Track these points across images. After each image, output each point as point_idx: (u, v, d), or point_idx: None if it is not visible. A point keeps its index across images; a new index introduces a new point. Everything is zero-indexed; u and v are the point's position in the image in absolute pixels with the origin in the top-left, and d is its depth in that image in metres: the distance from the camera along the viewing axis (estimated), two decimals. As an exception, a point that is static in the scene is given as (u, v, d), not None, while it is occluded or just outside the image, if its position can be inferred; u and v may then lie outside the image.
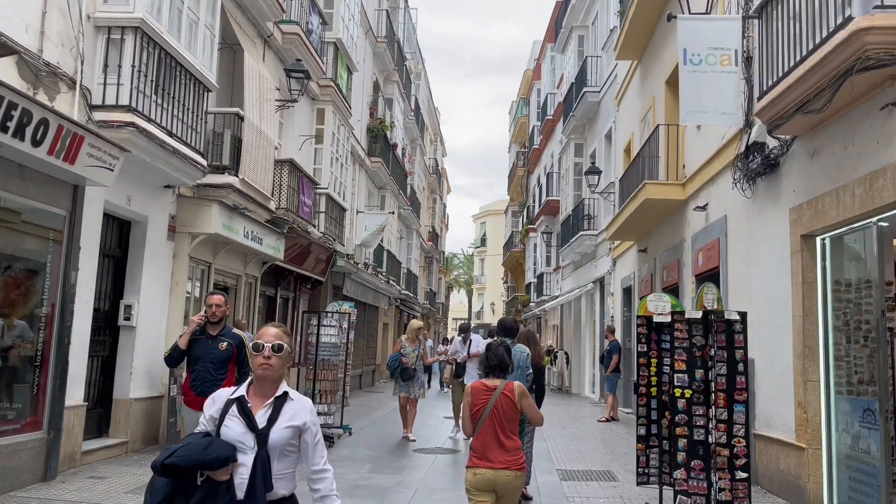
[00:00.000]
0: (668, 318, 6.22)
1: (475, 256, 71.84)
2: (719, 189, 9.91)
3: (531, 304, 34.24)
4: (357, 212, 21.33)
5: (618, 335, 16.04)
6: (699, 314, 5.61)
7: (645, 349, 6.74)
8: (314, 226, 15.24)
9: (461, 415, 4.63)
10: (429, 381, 24.34)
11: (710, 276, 10.46)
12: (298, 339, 15.06)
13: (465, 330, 11.46)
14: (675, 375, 5.59)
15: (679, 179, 11.88)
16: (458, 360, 11.00)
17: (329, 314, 10.81)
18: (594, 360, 21.42)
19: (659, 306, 6.80)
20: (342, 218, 17.71)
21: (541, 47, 34.47)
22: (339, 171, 17.49)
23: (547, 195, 29.26)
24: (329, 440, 10.42)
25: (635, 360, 6.66)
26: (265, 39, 13.23)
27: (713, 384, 5.33)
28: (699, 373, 5.46)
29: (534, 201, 35.29)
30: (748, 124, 8.59)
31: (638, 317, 7.11)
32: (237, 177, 10.84)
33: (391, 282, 24.50)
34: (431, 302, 42.20)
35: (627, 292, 17.28)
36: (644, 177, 12.78)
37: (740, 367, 5.33)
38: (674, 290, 12.86)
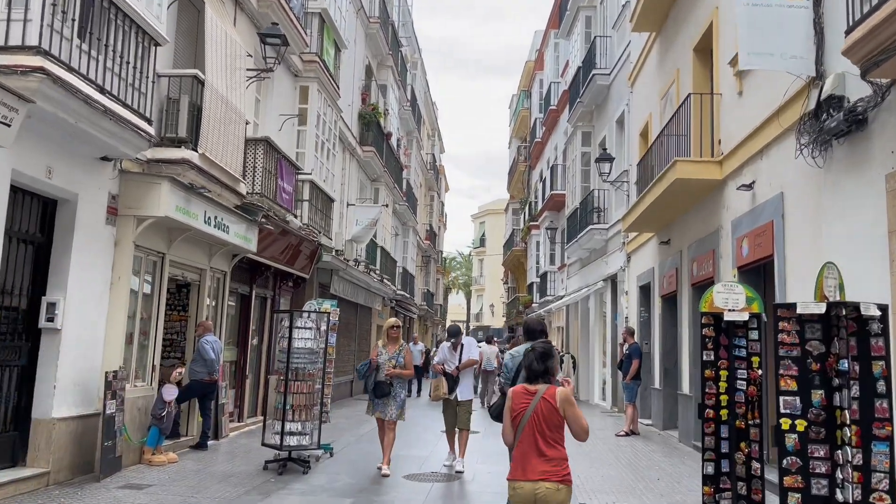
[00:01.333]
0: (745, 316, 4.54)
1: (474, 257, 70.14)
2: (772, 162, 8.23)
3: (533, 304, 32.53)
4: (347, 204, 19.64)
5: (636, 337, 14.34)
6: (821, 307, 3.91)
7: (712, 357, 5.06)
8: (295, 215, 13.55)
9: (503, 423, 4.19)
10: (418, 390, 22.68)
11: (757, 269, 8.78)
12: (268, 344, 13.38)
13: (454, 334, 9.26)
14: (782, 399, 3.91)
15: (715, 156, 10.19)
16: (448, 371, 8.92)
17: (304, 314, 9.10)
18: (605, 364, 19.72)
19: (731, 300, 5.14)
20: (329, 209, 16.02)
21: (543, 35, 32.82)
22: (325, 157, 15.81)
23: (551, 189, 27.58)
24: (302, 465, 8.72)
25: (700, 372, 5.05)
26: (236, 0, 11.56)
27: (842, 412, 3.65)
28: (818, 395, 3.78)
29: (536, 197, 33.61)
30: (818, 75, 6.91)
31: (703, 314, 5.44)
32: (196, 151, 9.15)
33: (385, 281, 22.81)
34: (429, 303, 40.50)
35: (645, 290, 15.59)
36: (670, 157, 11.11)
37: (880, 386, 3.65)
38: (706, 287, 11.18)
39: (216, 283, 11.19)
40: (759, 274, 9.07)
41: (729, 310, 5.10)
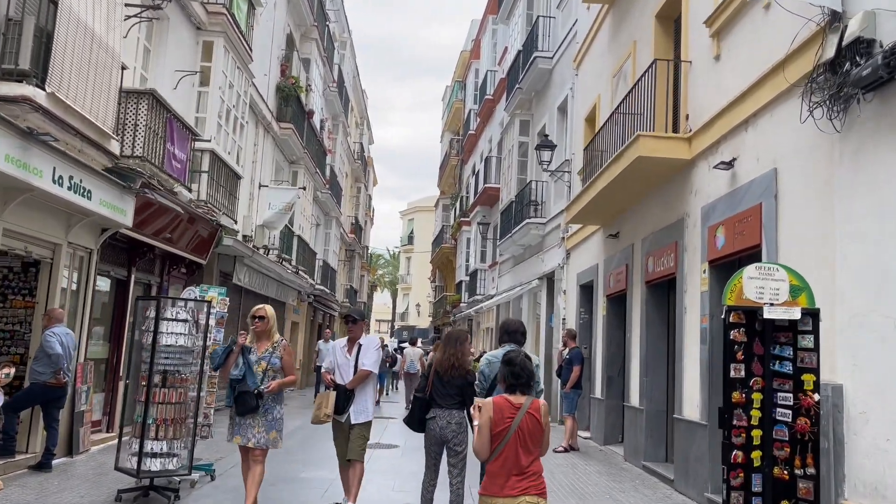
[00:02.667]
0: (795, 313, 2.98)
1: (402, 255, 68.31)
2: (762, 133, 6.80)
3: (462, 304, 31.02)
4: (260, 186, 17.59)
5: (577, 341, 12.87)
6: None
7: (742, 373, 3.50)
8: (189, 189, 11.51)
9: (476, 434, 3.81)
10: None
11: (734, 262, 7.36)
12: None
13: (352, 320, 6.52)
14: None
15: (682, 133, 8.76)
16: (340, 383, 6.34)
17: (178, 303, 7.15)
18: (538, 369, 18.29)
19: (768, 290, 3.60)
20: (235, 187, 13.98)
21: (480, 22, 31.37)
22: (232, 127, 13.76)
23: (484, 182, 26.09)
24: (168, 494, 6.79)
25: (722, 389, 3.55)
26: (118, -80, 9.48)
27: None
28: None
29: (468, 192, 32.10)
30: (836, 18, 5.48)
31: (729, 310, 3.86)
32: (43, 90, 7.10)
33: (302, 273, 20.78)
34: (352, 300, 38.44)
35: (586, 290, 14.18)
36: (624, 138, 9.66)
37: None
38: (666, 285, 9.77)
39: (78, 262, 9.07)
40: (735, 269, 7.66)
41: (767, 303, 3.57)
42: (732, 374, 3.65)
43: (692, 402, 8.19)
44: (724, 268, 7.57)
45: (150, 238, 10.51)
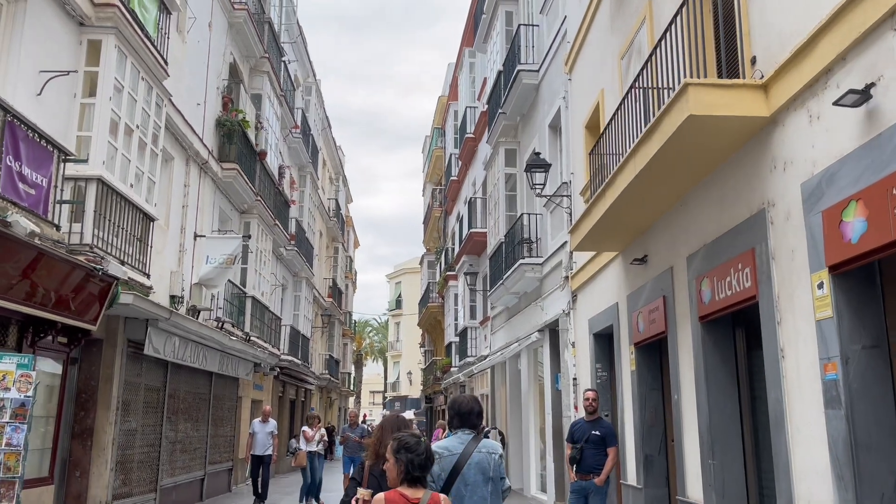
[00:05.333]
0: None
1: (390, 320, 64.84)
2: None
3: (452, 368, 27.59)
4: (196, 236, 14.49)
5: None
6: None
7: None
8: (56, 225, 8.40)
9: None
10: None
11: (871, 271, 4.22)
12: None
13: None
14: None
15: (751, 80, 5.74)
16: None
17: None
18: (544, 443, 14.88)
19: None
20: (146, 231, 10.87)
21: (456, 59, 28.95)
22: (138, 154, 10.74)
23: (469, 228, 23.09)
24: None
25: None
26: None
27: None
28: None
29: (453, 242, 29.08)
30: None
31: None
32: None
33: (257, 341, 17.45)
34: (333, 371, 34.89)
35: (603, 339, 10.99)
36: (648, 118, 6.70)
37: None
38: (735, 319, 6.60)
39: None
40: (887, 275, 4.55)
41: None
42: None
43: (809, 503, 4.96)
44: (861, 276, 4.45)
45: (-15, 294, 7.29)
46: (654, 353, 8.83)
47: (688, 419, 7.38)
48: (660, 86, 6.92)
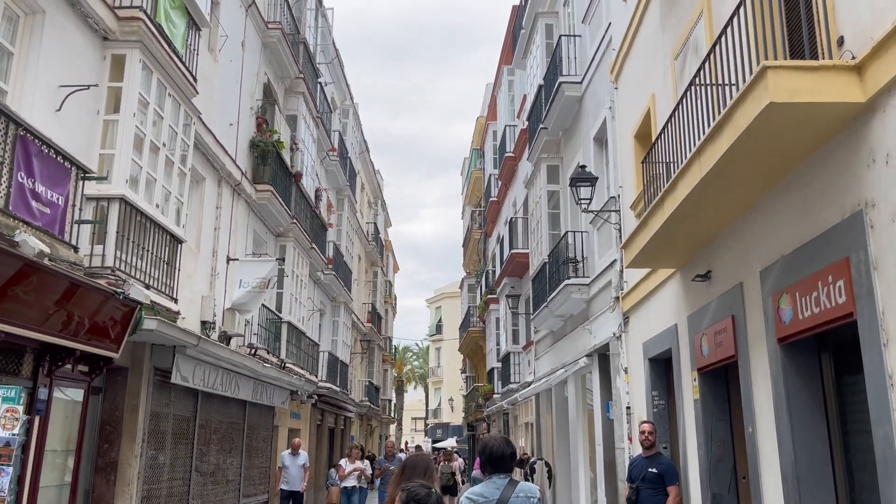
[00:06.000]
0: None
1: (431, 346, 64.12)
2: None
3: (495, 395, 26.71)
4: (228, 259, 14.05)
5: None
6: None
7: None
8: (74, 247, 7.94)
9: None
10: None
11: None
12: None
13: None
14: None
15: (840, 60, 4.96)
16: None
17: None
18: (594, 471, 13.93)
19: None
20: (174, 254, 10.41)
21: (495, 79, 28.44)
22: (166, 174, 10.32)
23: (510, 248, 22.34)
24: None
25: None
26: None
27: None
28: None
29: (493, 265, 28.34)
30: None
31: None
32: None
33: (293, 368, 16.88)
34: (373, 399, 34.24)
35: (661, 364, 10.13)
36: (710, 118, 5.96)
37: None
38: (819, 341, 5.76)
39: None
40: None
41: None
42: None
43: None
44: None
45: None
46: (721, 379, 7.95)
47: (765, 455, 6.49)
48: (724, 82, 6.17)
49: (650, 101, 10.17)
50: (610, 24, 12.81)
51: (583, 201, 12.33)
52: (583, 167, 12.56)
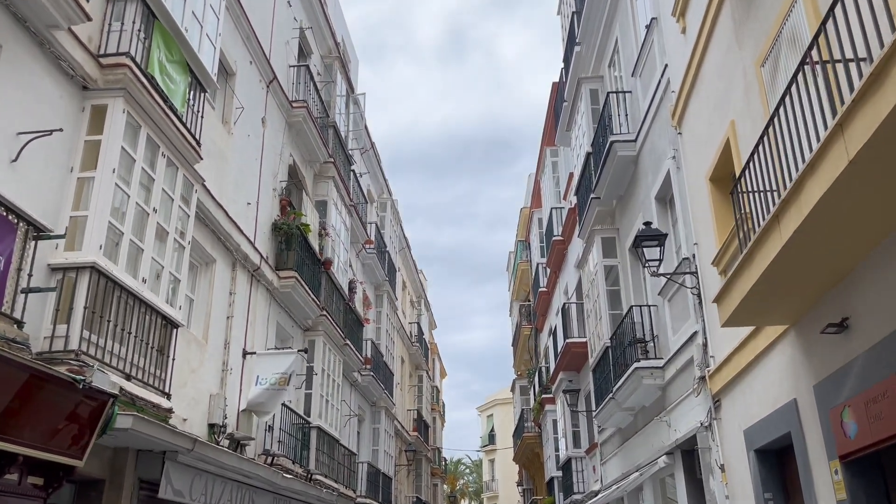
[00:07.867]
0: None
1: (484, 458, 60.43)
2: None
3: (557, 509, 23.73)
4: (245, 353, 12.34)
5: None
6: None
7: None
8: (15, 321, 6.32)
9: None
10: None
11: None
12: None
13: None
14: None
15: None
16: None
17: None
18: None
19: None
20: (166, 339, 8.74)
21: (537, 164, 27.13)
22: (157, 246, 8.81)
23: (565, 339, 20.18)
24: None
25: None
26: None
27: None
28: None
29: (547, 361, 26.03)
30: None
31: None
32: None
33: (323, 480, 14.73)
34: (422, 516, 31.28)
35: (772, 456, 7.83)
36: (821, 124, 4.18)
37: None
38: None
39: None
40: None
41: None
42: None
43: None
44: None
45: None
46: (877, 469, 5.71)
47: None
48: (849, 58, 4.42)
49: (728, 131, 8.41)
50: (666, 65, 11.30)
51: (650, 263, 10.40)
52: (648, 223, 10.70)
